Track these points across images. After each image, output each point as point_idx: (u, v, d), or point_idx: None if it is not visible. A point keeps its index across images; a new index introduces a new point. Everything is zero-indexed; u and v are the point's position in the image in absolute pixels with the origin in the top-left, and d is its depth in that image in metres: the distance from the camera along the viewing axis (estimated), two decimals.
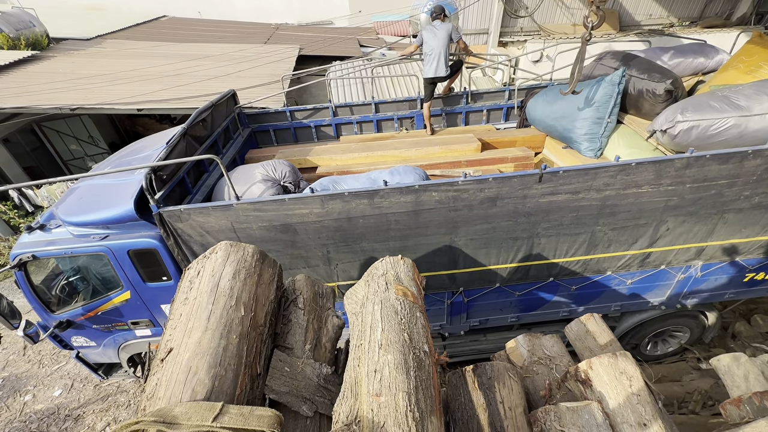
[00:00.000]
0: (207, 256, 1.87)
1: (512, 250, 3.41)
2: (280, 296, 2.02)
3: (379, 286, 1.78)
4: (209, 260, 1.84)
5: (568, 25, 8.71)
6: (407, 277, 1.88)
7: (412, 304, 1.69)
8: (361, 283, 1.97)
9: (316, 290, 2.21)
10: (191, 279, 1.82)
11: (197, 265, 1.87)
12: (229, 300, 1.66)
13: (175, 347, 1.52)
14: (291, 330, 1.93)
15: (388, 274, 1.86)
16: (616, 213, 3.20)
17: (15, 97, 5.96)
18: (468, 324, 4.12)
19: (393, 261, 1.95)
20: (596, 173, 2.95)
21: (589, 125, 4.07)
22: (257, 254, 1.92)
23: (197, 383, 1.37)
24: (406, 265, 1.95)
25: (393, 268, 1.91)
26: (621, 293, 3.93)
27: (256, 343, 1.65)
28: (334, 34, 13.40)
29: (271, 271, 1.97)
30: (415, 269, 2.00)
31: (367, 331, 1.57)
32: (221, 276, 1.74)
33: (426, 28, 4.83)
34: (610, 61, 4.32)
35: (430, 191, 2.95)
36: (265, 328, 1.75)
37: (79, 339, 4.07)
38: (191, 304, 1.67)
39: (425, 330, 1.62)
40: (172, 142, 3.22)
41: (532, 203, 3.08)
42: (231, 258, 1.83)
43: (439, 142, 4.57)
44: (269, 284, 1.91)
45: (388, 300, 1.67)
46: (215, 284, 1.71)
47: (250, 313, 1.69)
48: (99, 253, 3.34)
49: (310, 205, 2.96)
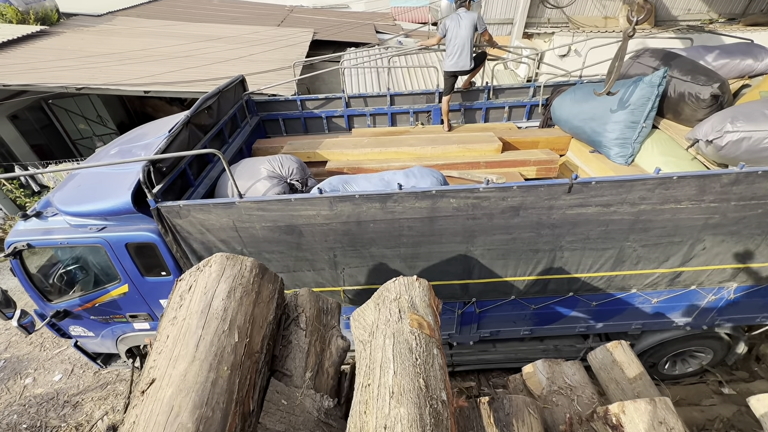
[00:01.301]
0: (201, 268, 1.68)
1: (531, 263, 3.18)
2: (280, 315, 1.82)
3: (391, 314, 1.57)
4: (203, 274, 1.65)
5: (599, 18, 8.15)
6: (423, 303, 1.66)
7: (428, 338, 1.48)
8: (370, 305, 1.76)
9: (320, 306, 2.01)
10: (182, 294, 1.64)
11: (189, 278, 1.68)
12: (222, 324, 1.47)
13: (158, 378, 1.33)
14: (291, 353, 1.74)
15: (402, 298, 1.65)
16: (649, 229, 2.94)
17: (21, 74, 5.80)
18: (478, 335, 3.92)
19: (407, 283, 1.73)
20: (632, 186, 2.68)
21: (622, 129, 3.76)
22: (256, 269, 1.72)
23: (179, 428, 1.18)
24: (421, 287, 1.74)
25: (407, 292, 1.69)
26: (644, 312, 3.69)
27: (250, 374, 1.46)
28: (349, 19, 12.98)
29: (271, 287, 1.77)
30: (432, 292, 1.79)
31: (377, 370, 1.36)
32: (214, 294, 1.55)
33: (450, 16, 4.51)
34: (648, 60, 3.97)
35: (447, 197, 2.71)
36: (262, 354, 1.56)
37: (77, 329, 3.97)
38: (179, 326, 1.48)
39: (443, 371, 1.41)
40: (173, 131, 3.02)
41: (558, 215, 2.83)
42: (226, 273, 1.63)
43: (457, 140, 4.30)
44: (268, 303, 1.71)
45: (401, 333, 1.47)
46: (207, 304, 1.52)
47: (245, 338, 1.50)
48: (96, 245, 3.19)
49: (318, 207, 2.75)
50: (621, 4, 8.13)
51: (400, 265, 3.16)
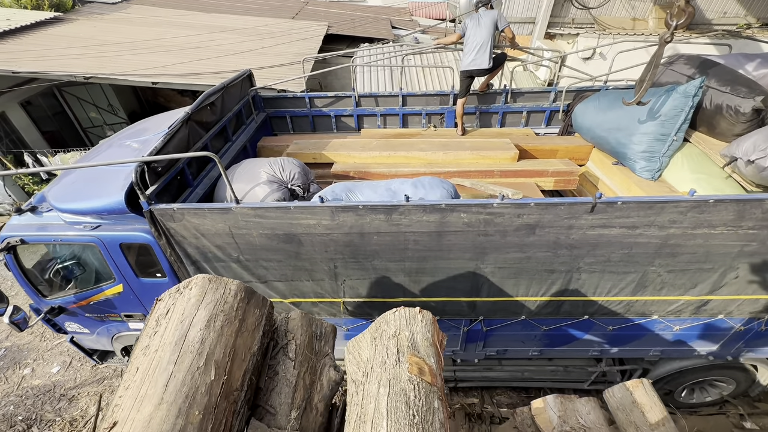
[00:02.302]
0: (181, 290, 1.52)
1: (545, 284, 2.96)
2: (267, 343, 1.66)
3: (388, 354, 1.39)
4: (182, 297, 1.49)
5: (627, 19, 7.72)
6: (425, 342, 1.48)
7: (429, 387, 1.30)
8: (367, 338, 1.58)
9: (313, 332, 1.84)
10: (159, 318, 1.48)
11: (168, 300, 1.52)
12: (197, 359, 1.30)
13: (121, 421, 1.18)
14: (276, 387, 1.57)
15: (402, 335, 1.47)
16: (677, 254, 2.70)
17: (31, 61, 5.75)
18: (484, 353, 3.72)
19: (408, 316, 1.55)
20: (663, 208, 2.45)
21: (650, 141, 3.50)
22: (241, 293, 1.55)
23: None
24: (424, 321, 1.55)
25: (408, 327, 1.51)
26: (664, 338, 3.44)
27: (226, 417, 1.30)
28: (365, 13, 12.73)
29: (258, 312, 1.60)
30: (435, 326, 1.60)
31: (368, 426, 1.18)
32: (192, 323, 1.39)
33: (470, 15, 4.27)
34: (683, 67, 3.67)
35: (458, 212, 2.51)
36: (242, 392, 1.40)
37: (72, 325, 3.90)
38: (150, 359, 1.32)
39: (444, 429, 1.22)
40: (171, 129, 2.87)
41: (577, 235, 2.61)
42: (208, 298, 1.47)
43: (470, 146, 4.07)
44: (253, 331, 1.55)
45: (398, 380, 1.28)
46: (183, 334, 1.35)
47: (223, 375, 1.33)
48: (90, 244, 3.08)
49: (319, 216, 2.58)
50: (651, 6, 7.71)
51: (404, 280, 2.98)
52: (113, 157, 3.39)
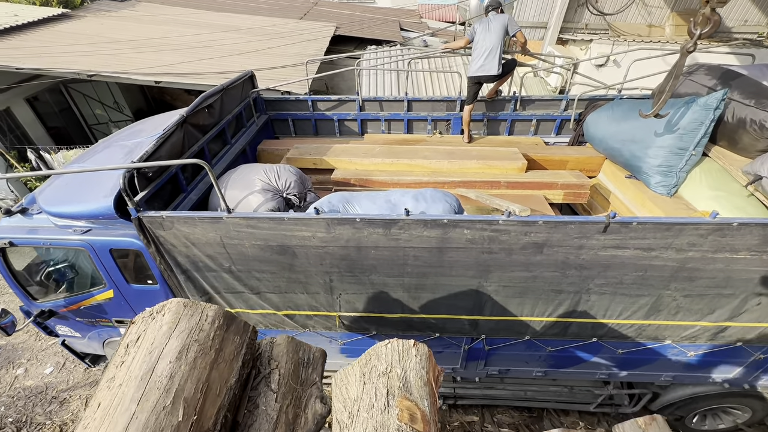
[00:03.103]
0: (154, 315, 1.39)
1: (552, 304, 2.81)
2: (247, 372, 1.52)
3: (377, 397, 1.25)
4: (154, 323, 1.36)
5: (642, 26, 7.49)
6: (419, 381, 1.33)
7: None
8: (356, 373, 1.44)
9: (299, 358, 1.70)
10: (128, 345, 1.36)
11: (140, 325, 1.39)
12: (164, 397, 1.17)
13: None
14: (256, 422, 1.44)
15: (393, 373, 1.33)
16: (695, 278, 2.53)
17: (35, 58, 5.71)
18: (485, 372, 3.56)
19: (402, 350, 1.41)
20: (681, 230, 2.28)
21: (667, 155, 3.32)
22: (220, 319, 1.42)
23: None
24: (419, 357, 1.41)
25: (400, 363, 1.37)
26: (677, 364, 3.26)
27: None
28: (374, 14, 12.63)
29: (239, 340, 1.47)
30: (431, 361, 1.45)
31: None
32: (161, 354, 1.26)
33: (479, 20, 4.12)
34: (703, 78, 3.49)
35: (461, 228, 2.37)
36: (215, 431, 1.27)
37: (63, 328, 3.82)
38: (114, 393, 1.19)
39: None
40: (165, 133, 2.76)
41: (588, 255, 2.45)
42: (181, 325, 1.34)
43: (477, 155, 3.92)
44: (232, 361, 1.42)
45: (386, 429, 1.14)
46: (150, 368, 1.23)
47: (193, 415, 1.20)
48: (80, 248, 2.99)
49: (314, 228, 2.45)
50: (669, 12, 7.47)
51: (402, 295, 2.84)
52: (108, 158, 3.30)
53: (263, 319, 3.16)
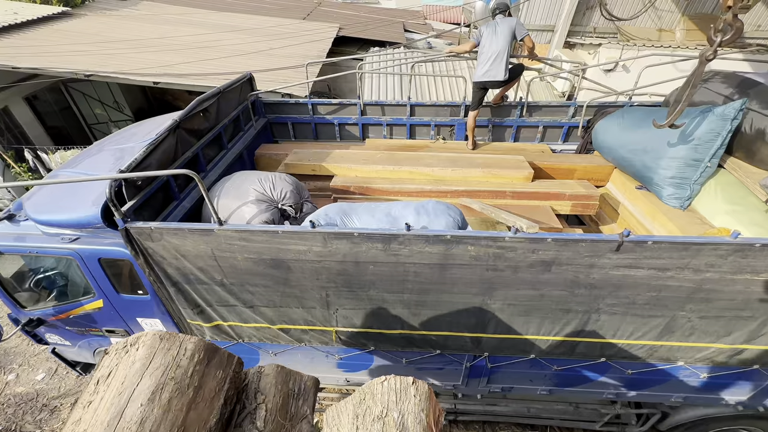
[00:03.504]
0: (127, 348, 1.27)
1: (559, 323, 2.67)
2: (230, 410, 1.40)
3: None
4: (127, 358, 1.24)
5: (652, 30, 7.30)
6: (418, 427, 1.20)
7: None
8: (348, 412, 1.31)
9: (289, 389, 1.57)
10: (99, 380, 1.23)
11: (113, 358, 1.27)
12: None
13: None
14: None
15: (389, 418, 1.20)
16: (711, 300, 2.39)
17: (32, 57, 5.62)
18: (488, 389, 3.43)
19: (399, 389, 1.28)
20: (699, 250, 2.15)
21: (680, 167, 3.18)
22: (200, 353, 1.29)
23: None
24: (419, 398, 1.28)
25: (397, 406, 1.24)
26: (689, 385, 3.12)
27: None
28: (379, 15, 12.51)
29: (221, 375, 1.34)
30: (432, 401, 1.32)
31: None
32: (132, 396, 1.13)
33: (486, 24, 3.99)
34: (719, 86, 3.35)
35: (465, 244, 2.24)
36: None
37: (53, 337, 3.72)
38: None
39: None
40: (156, 139, 2.64)
41: (599, 275, 2.32)
42: (156, 362, 1.22)
43: (481, 163, 3.78)
44: (213, 399, 1.29)
45: None
46: (119, 411, 1.10)
47: None
48: (68, 257, 2.88)
49: (310, 242, 2.33)
50: (679, 16, 7.29)
51: (402, 312, 2.72)
52: (99, 163, 3.19)
53: (257, 333, 3.04)
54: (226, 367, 1.37)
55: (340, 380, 3.58)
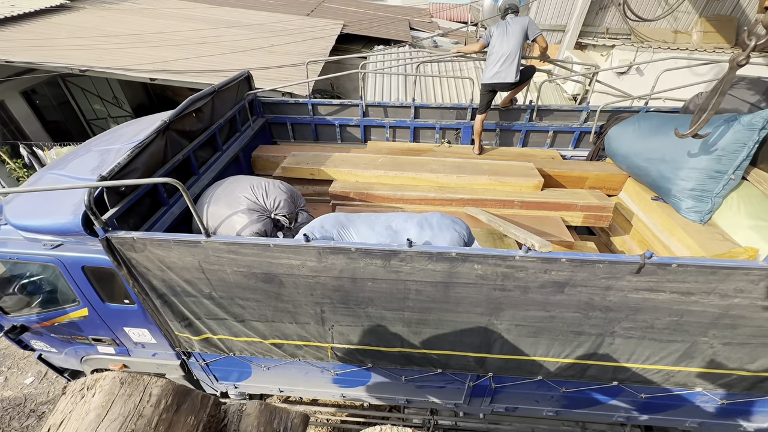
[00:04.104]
0: (83, 393, 1.10)
1: (570, 346, 2.50)
2: None
3: None
4: (81, 405, 1.07)
5: (668, 31, 7.03)
6: None
7: None
8: None
9: (274, 430, 1.41)
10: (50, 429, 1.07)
11: (68, 402, 1.11)
12: None
13: None
14: None
15: None
16: (738, 326, 2.21)
17: (27, 50, 5.48)
18: (491, 408, 3.27)
19: None
20: (728, 275, 1.97)
21: (702, 178, 2.99)
22: (167, 398, 1.13)
23: None
24: None
25: None
26: (706, 411, 2.93)
27: None
28: (384, 13, 12.29)
29: (193, 421, 1.18)
30: None
31: None
32: None
33: (497, 24, 3.79)
34: (744, 93, 3.15)
35: (471, 262, 2.07)
36: None
37: (39, 343, 3.57)
38: None
39: None
40: (143, 141, 2.48)
41: (616, 298, 2.14)
42: (114, 410, 1.05)
43: (488, 170, 3.59)
44: None
45: None
46: None
47: None
48: (49, 264, 2.72)
49: (304, 257, 2.16)
50: (696, 17, 7.03)
51: (402, 330, 2.55)
52: (85, 165, 3.03)
53: (248, 347, 2.88)
54: (199, 412, 1.21)
55: (336, 395, 3.42)
